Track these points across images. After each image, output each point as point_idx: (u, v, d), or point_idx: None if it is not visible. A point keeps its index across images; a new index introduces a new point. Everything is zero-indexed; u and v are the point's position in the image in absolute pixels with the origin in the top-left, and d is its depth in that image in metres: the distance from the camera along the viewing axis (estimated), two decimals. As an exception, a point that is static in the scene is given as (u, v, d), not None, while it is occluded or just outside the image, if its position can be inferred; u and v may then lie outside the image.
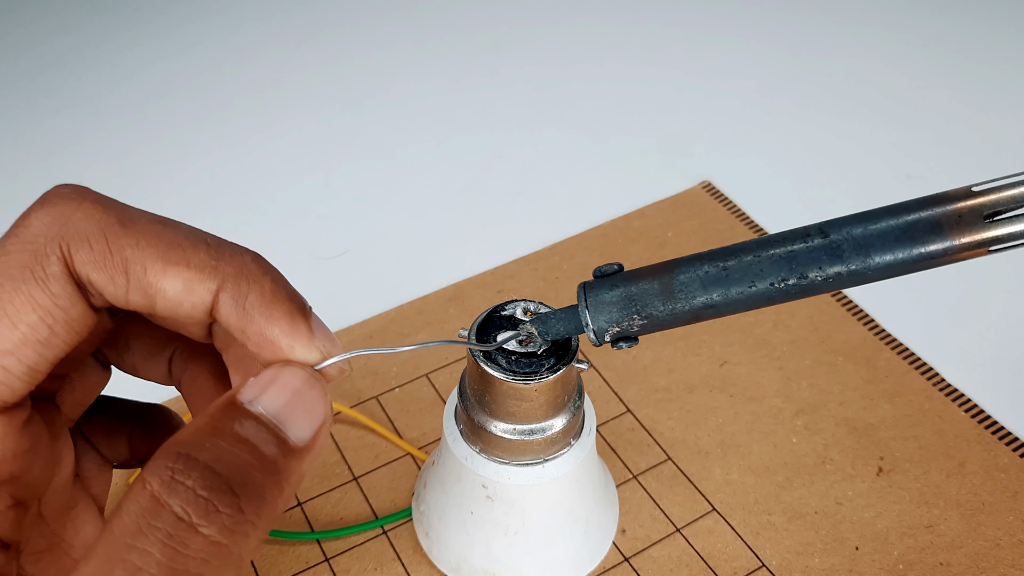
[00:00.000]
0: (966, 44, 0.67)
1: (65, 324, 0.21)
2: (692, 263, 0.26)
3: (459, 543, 0.34)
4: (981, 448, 0.40)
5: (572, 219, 0.52)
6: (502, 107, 0.62)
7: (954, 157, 0.57)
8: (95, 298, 0.22)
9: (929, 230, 0.23)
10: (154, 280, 0.22)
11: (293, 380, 0.22)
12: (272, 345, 0.22)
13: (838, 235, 0.24)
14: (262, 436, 0.21)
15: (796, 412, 0.42)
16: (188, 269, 0.22)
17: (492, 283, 0.48)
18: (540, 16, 0.71)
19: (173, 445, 0.20)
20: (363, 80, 0.65)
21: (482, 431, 0.31)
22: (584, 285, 0.27)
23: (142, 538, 0.18)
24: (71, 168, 0.57)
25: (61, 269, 0.21)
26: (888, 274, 0.24)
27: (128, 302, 0.22)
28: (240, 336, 0.22)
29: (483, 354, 0.29)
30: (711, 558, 0.36)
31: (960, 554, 0.36)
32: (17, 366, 0.21)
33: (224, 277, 0.22)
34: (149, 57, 0.66)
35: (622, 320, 0.27)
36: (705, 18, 0.71)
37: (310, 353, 0.23)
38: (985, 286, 0.49)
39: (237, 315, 0.22)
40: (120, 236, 0.22)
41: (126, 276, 0.22)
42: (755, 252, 0.25)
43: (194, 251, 0.22)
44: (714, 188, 0.54)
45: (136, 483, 0.19)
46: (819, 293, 0.25)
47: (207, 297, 0.22)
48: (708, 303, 0.26)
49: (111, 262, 0.21)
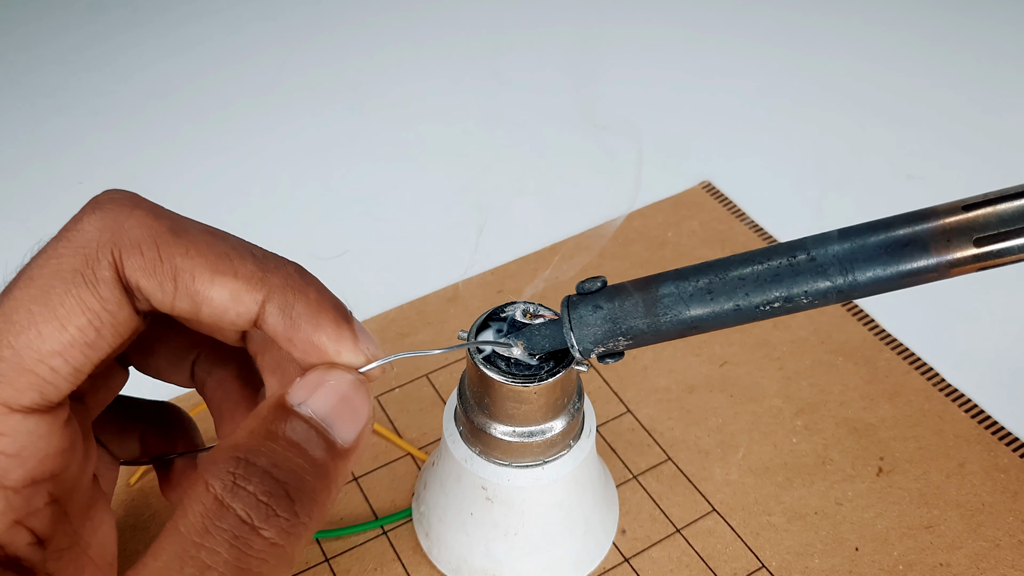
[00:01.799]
0: (966, 44, 0.67)
1: (112, 328, 0.22)
2: (675, 281, 0.26)
3: (459, 544, 0.34)
4: (981, 448, 0.40)
5: (572, 219, 0.52)
6: (502, 107, 0.62)
7: (955, 157, 0.57)
8: (140, 303, 0.23)
9: (916, 248, 0.22)
10: (202, 288, 0.22)
11: (340, 383, 0.23)
12: (319, 351, 0.23)
13: (822, 252, 0.24)
14: (312, 439, 0.22)
15: (796, 412, 0.42)
16: (236, 280, 0.23)
17: (492, 283, 0.48)
18: (541, 16, 0.71)
19: (231, 450, 0.21)
20: (363, 80, 0.65)
21: (482, 433, 0.31)
22: (567, 302, 0.27)
23: (210, 538, 0.20)
24: (71, 168, 0.57)
25: (112, 274, 0.22)
26: (875, 291, 0.23)
27: (173, 308, 0.23)
28: (286, 344, 0.23)
29: (483, 357, 0.29)
30: (711, 559, 0.36)
31: (960, 555, 0.36)
32: (64, 367, 0.21)
33: (271, 288, 0.23)
34: (149, 57, 0.66)
35: (607, 340, 0.26)
36: (705, 17, 0.71)
37: (356, 357, 0.24)
38: (986, 287, 0.49)
39: (284, 324, 0.23)
40: (171, 244, 0.22)
41: (174, 284, 0.22)
42: (739, 268, 0.25)
43: (242, 262, 0.23)
44: (714, 188, 0.54)
45: (198, 485, 0.20)
46: (805, 310, 0.25)
47: (253, 307, 0.23)
48: (693, 323, 0.25)
49: (161, 269, 0.22)
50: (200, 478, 0.21)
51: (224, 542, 0.20)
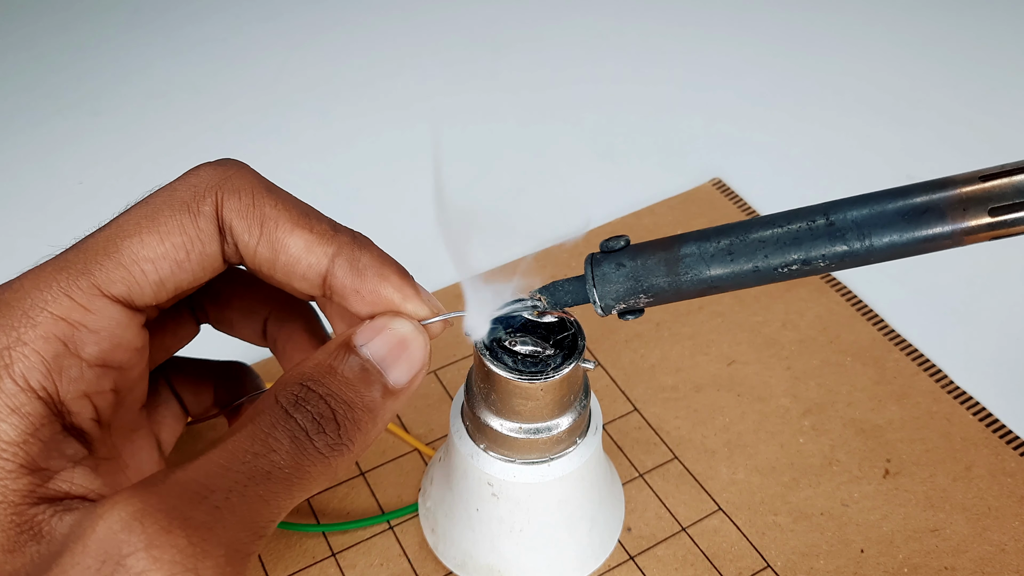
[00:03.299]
0: (967, 44, 0.67)
1: (199, 257, 0.26)
2: (697, 241, 0.26)
3: (465, 540, 0.34)
4: (988, 452, 0.40)
5: (582, 216, 0.52)
6: (510, 104, 0.62)
7: (956, 157, 0.57)
8: (228, 247, 0.26)
9: (933, 215, 0.23)
10: (282, 236, 0.26)
11: (400, 329, 0.27)
12: (386, 302, 0.27)
13: (841, 217, 0.24)
14: (367, 377, 0.26)
15: (803, 412, 0.42)
16: (311, 233, 0.26)
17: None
18: (542, 15, 0.71)
19: (298, 376, 0.25)
20: (363, 80, 0.64)
21: (488, 429, 0.31)
22: (591, 259, 0.28)
23: (276, 431, 0.24)
24: (71, 168, 0.57)
25: (211, 210, 0.26)
26: (891, 256, 0.24)
27: (256, 254, 0.26)
28: (354, 296, 0.27)
29: (490, 353, 0.29)
30: (716, 557, 0.36)
31: (965, 558, 0.36)
32: (153, 274, 0.25)
33: (340, 244, 0.27)
34: (149, 57, 0.66)
35: (628, 297, 0.27)
36: (715, 14, 0.70)
37: (421, 308, 0.27)
38: (995, 289, 0.49)
39: (352, 276, 0.27)
40: (264, 196, 0.26)
41: (260, 229, 0.26)
42: (759, 231, 0.25)
43: (318, 221, 0.27)
44: (724, 185, 0.54)
45: (267, 398, 0.25)
46: (822, 273, 0.25)
47: (324, 260, 0.26)
48: (713, 283, 0.26)
49: (252, 214, 0.26)
50: (270, 394, 0.25)
51: (287, 438, 0.24)
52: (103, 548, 0.21)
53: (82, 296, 0.25)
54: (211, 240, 0.26)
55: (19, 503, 0.23)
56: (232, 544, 0.22)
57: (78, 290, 0.25)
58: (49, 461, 0.24)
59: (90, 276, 0.25)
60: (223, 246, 0.27)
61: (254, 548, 0.23)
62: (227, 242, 0.27)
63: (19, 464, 0.23)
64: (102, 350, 0.25)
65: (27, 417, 0.24)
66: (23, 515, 0.23)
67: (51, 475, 0.24)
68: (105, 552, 0.21)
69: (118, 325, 0.25)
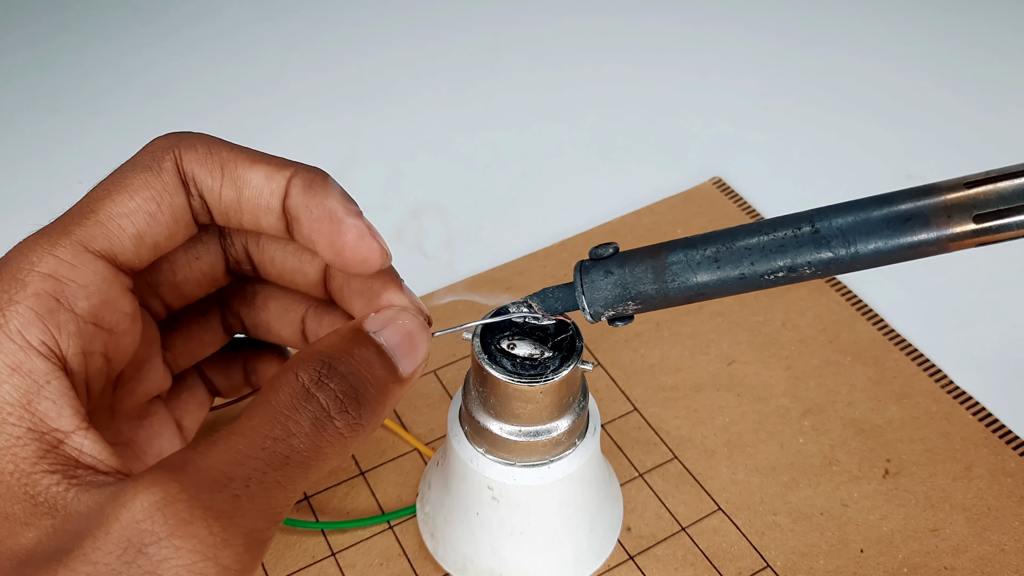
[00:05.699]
0: (967, 44, 0.67)
1: (169, 208, 0.27)
2: (684, 249, 0.27)
3: (465, 544, 0.34)
4: (988, 452, 0.40)
5: (582, 215, 0.52)
6: (510, 104, 0.62)
7: (956, 157, 0.57)
8: (195, 201, 0.27)
9: (917, 222, 0.23)
10: (243, 172, 0.27)
11: (409, 323, 0.28)
12: (334, 219, 0.28)
13: (826, 225, 0.25)
14: (381, 362, 0.27)
15: (803, 412, 0.42)
16: (268, 165, 0.28)
17: (501, 280, 0.48)
18: (552, 15, 0.71)
19: (318, 354, 0.26)
20: (364, 80, 0.64)
21: (488, 433, 0.31)
22: (580, 267, 0.28)
23: (296, 413, 0.24)
24: (71, 168, 0.57)
25: (172, 165, 0.27)
26: (876, 263, 0.24)
27: (221, 198, 0.27)
28: (306, 213, 0.27)
29: (488, 356, 0.29)
30: (716, 557, 0.36)
31: (965, 559, 0.36)
32: (130, 228, 0.26)
33: (296, 169, 0.28)
34: (149, 58, 0.66)
35: (617, 304, 0.27)
36: (715, 14, 0.70)
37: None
38: (995, 289, 0.49)
39: (304, 195, 0.27)
40: (220, 144, 0.28)
41: (221, 171, 0.27)
42: (745, 238, 0.26)
43: (273, 157, 0.28)
44: (724, 184, 0.54)
45: (287, 374, 0.25)
46: (808, 280, 0.26)
47: (282, 182, 0.27)
48: (699, 290, 0.26)
49: (211, 159, 0.27)
50: (289, 368, 0.25)
51: (307, 419, 0.24)
52: (125, 536, 0.21)
53: (66, 253, 0.25)
54: (176, 191, 0.27)
55: (30, 471, 0.23)
56: (251, 532, 0.23)
57: (62, 248, 0.25)
58: (59, 421, 0.24)
59: (71, 235, 0.25)
60: (189, 200, 0.27)
61: (271, 534, 0.24)
62: (192, 195, 0.27)
63: (26, 428, 0.23)
64: (92, 305, 0.25)
65: (28, 375, 0.23)
66: (36, 485, 0.23)
67: (59, 440, 0.24)
68: (127, 540, 0.21)
69: (104, 280, 0.26)
